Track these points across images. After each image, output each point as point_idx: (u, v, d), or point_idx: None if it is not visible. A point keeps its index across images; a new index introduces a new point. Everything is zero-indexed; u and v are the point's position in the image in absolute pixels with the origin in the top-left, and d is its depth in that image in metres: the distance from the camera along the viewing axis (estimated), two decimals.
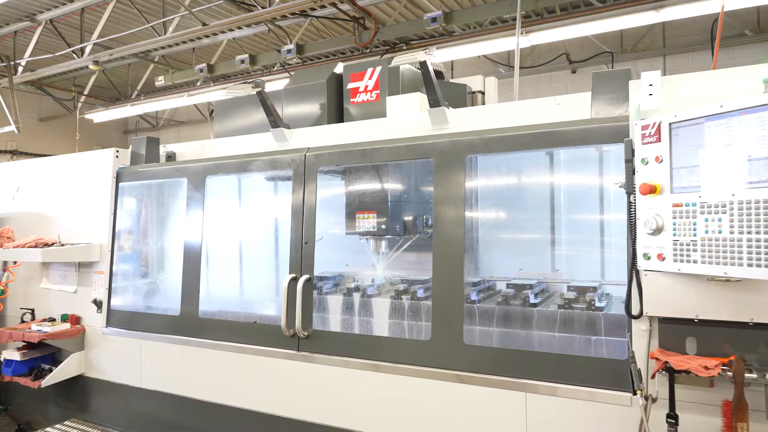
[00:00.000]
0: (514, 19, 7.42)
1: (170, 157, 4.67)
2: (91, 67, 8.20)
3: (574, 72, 8.82)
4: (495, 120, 3.09)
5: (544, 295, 3.32)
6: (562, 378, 2.55)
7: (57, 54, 8.30)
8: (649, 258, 2.16)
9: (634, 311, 2.35)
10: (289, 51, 7.06)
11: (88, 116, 11.23)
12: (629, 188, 2.32)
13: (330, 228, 3.97)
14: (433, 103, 3.35)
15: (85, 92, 11.37)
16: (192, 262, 3.89)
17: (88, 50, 8.11)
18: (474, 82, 4.55)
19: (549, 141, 2.70)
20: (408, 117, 3.56)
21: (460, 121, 3.28)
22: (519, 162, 3.63)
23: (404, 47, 7.28)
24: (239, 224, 4.78)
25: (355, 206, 3.84)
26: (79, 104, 11.51)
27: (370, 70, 3.99)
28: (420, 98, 3.69)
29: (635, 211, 2.30)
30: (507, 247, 3.86)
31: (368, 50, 7.66)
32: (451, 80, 4.46)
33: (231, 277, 4.66)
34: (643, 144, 2.20)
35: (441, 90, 3.31)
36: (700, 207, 1.98)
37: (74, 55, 8.28)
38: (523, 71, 6.78)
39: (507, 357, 2.73)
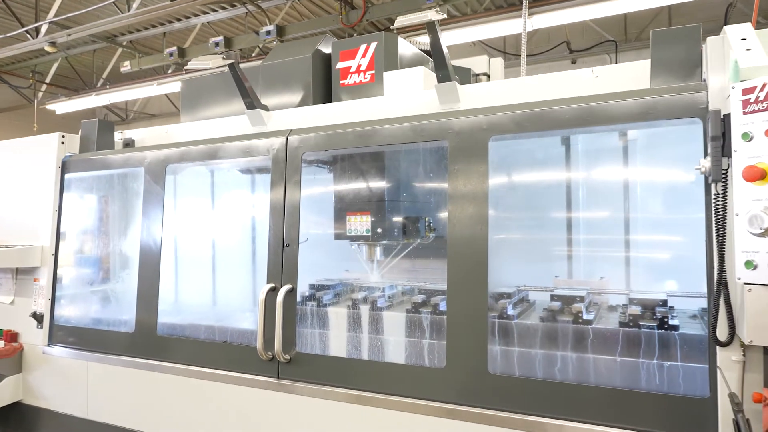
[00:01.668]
0: (510, 4, 6.91)
1: (128, 144, 4.00)
2: (48, 49, 7.39)
3: (574, 62, 8.34)
4: (517, 98, 2.51)
5: (595, 309, 2.76)
6: (621, 419, 1.99)
7: (9, 35, 7.47)
8: (755, 267, 1.60)
9: (722, 336, 1.79)
10: (268, 33, 6.39)
11: (49, 107, 10.36)
12: (717, 174, 1.76)
13: (313, 230, 3.37)
14: (443, 77, 2.76)
15: (47, 80, 10.48)
16: (149, 269, 3.22)
17: (43, 30, 7.31)
18: (477, 64, 3.99)
19: (600, 117, 2.12)
20: (410, 95, 2.97)
21: (475, 99, 2.70)
22: (547, 149, 3.05)
23: (395, 32, 6.68)
24: (209, 224, 4.12)
25: (345, 205, 3.24)
26: (40, 93, 10.63)
27: (363, 46, 3.40)
28: (424, 74, 3.11)
29: (722, 203, 1.75)
30: (531, 250, 3.29)
31: (355, 34, 7.05)
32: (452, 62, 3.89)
33: (198, 286, 4.00)
34: (745, 113, 1.63)
35: None
36: None
37: (28, 35, 7.47)
38: (519, 60, 6.28)
39: (545, 391, 2.15)
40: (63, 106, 10.16)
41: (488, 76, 4.02)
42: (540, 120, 2.24)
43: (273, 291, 2.77)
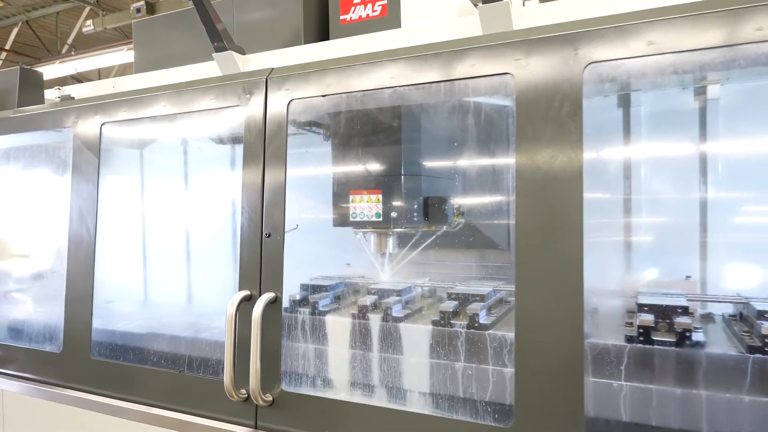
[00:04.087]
0: None
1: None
2: None
3: None
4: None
5: (701, 323, 1.95)
6: None
7: None
8: None
9: None
10: None
11: None
12: None
13: (303, 214, 2.54)
14: None
15: (6, 47, 9.41)
16: (80, 266, 2.36)
17: None
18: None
19: None
20: (440, 25, 2.11)
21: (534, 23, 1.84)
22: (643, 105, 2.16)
23: None
24: (168, 206, 3.22)
25: (348, 182, 2.42)
26: None
27: None
28: None
29: None
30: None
31: None
32: None
33: (149, 289, 3.12)
34: None
35: None
36: None
37: None
38: None
39: None
40: None
41: None
42: (681, 31, 1.36)
43: (248, 301, 1.93)
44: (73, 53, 8.57)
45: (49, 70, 8.86)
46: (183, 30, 2.96)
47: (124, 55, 7.88)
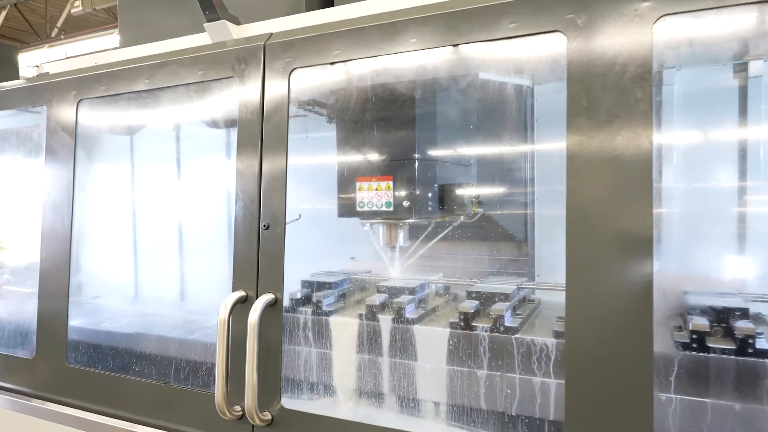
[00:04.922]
0: None
1: None
2: None
3: None
4: None
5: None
6: None
7: None
8: None
9: None
10: None
11: None
12: None
13: (303, 204, 2.28)
14: None
15: None
16: (53, 260, 2.09)
17: None
18: None
19: None
20: None
21: None
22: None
23: None
24: (152, 195, 2.95)
25: (354, 167, 2.16)
26: None
27: None
28: None
29: None
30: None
31: None
32: None
33: (134, 285, 2.84)
34: None
35: None
36: None
37: None
38: None
39: None
40: None
41: None
42: None
43: (243, 303, 1.67)
44: (62, 37, 8.24)
45: (38, 55, 8.53)
46: (172, 5, 2.68)
47: (115, 38, 7.56)
